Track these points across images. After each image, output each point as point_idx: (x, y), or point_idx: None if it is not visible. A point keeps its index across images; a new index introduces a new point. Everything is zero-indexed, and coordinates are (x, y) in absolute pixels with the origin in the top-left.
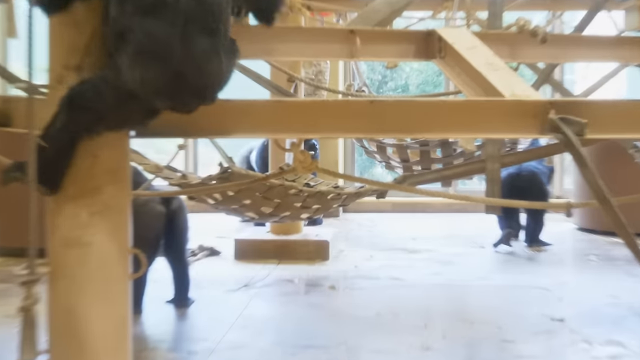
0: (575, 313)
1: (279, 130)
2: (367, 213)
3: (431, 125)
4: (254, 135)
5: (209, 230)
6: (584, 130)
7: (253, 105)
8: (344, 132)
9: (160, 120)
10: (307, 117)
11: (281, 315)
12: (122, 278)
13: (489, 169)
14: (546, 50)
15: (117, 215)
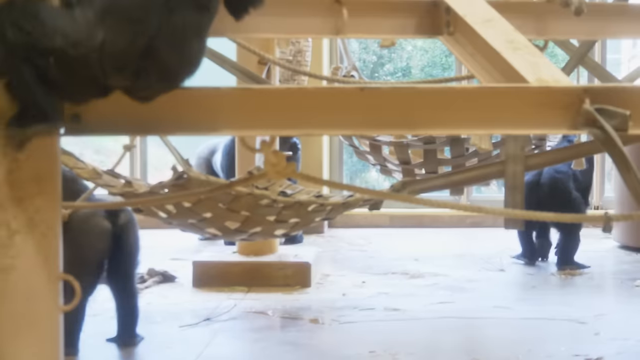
0: (616, 352)
1: (246, 126)
2: (358, 228)
3: (437, 118)
4: (215, 132)
5: (161, 250)
6: (627, 124)
7: (213, 94)
8: (328, 128)
9: (97, 113)
10: (282, 110)
11: (252, 356)
12: (51, 311)
13: (509, 173)
14: (582, 23)
15: (45, 233)
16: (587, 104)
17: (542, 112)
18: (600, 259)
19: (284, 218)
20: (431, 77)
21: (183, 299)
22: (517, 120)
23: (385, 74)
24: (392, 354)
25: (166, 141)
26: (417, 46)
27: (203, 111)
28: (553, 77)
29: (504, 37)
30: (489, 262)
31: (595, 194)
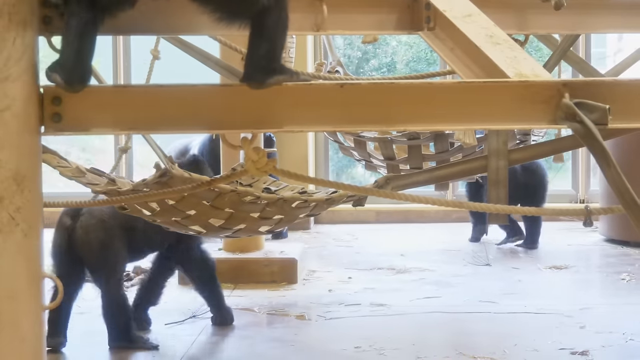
0: (602, 345)
1: (226, 123)
2: (345, 224)
3: (417, 114)
4: (197, 129)
5: None
6: (607, 118)
7: (194, 91)
8: (309, 125)
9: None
10: (263, 106)
11: (238, 353)
12: (34, 310)
13: (492, 168)
14: (562, 17)
15: (26, 233)
16: (566, 98)
17: (522, 107)
18: (586, 252)
19: (268, 215)
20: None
21: (169, 296)
22: (497, 115)
23: (371, 70)
24: (378, 349)
25: (149, 139)
26: (402, 41)
27: (184, 108)
28: (533, 72)
29: (484, 32)
30: (475, 257)
31: (580, 188)
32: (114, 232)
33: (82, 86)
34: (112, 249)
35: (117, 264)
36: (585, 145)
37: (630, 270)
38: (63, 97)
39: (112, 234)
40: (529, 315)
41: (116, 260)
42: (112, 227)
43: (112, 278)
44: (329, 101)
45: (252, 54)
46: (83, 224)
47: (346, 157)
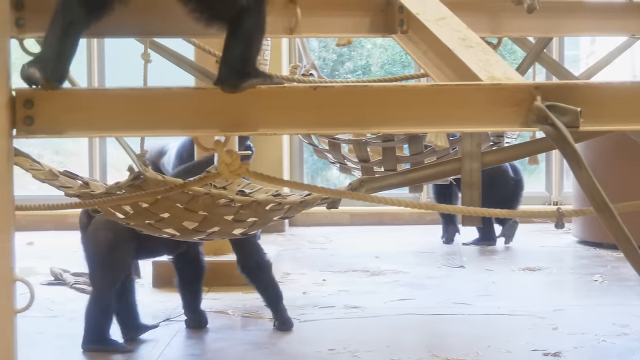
0: (574, 346)
1: (200, 126)
2: (319, 227)
3: (390, 116)
4: (171, 132)
5: None
6: (578, 120)
7: (169, 94)
8: (283, 128)
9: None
10: (236, 109)
11: (212, 356)
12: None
13: (465, 170)
14: (535, 21)
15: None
16: (538, 101)
17: (494, 110)
18: (559, 254)
19: (241, 217)
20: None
21: (142, 299)
22: (470, 117)
23: (345, 72)
24: (352, 351)
25: (122, 142)
26: (377, 44)
27: (158, 111)
28: (505, 75)
29: (456, 35)
30: (449, 259)
31: (554, 190)
32: (123, 234)
33: (58, 85)
34: (116, 251)
35: (117, 268)
36: (557, 147)
37: (603, 272)
38: (35, 100)
39: (120, 235)
40: (503, 317)
41: (117, 263)
42: (123, 228)
43: (105, 279)
44: (303, 104)
45: (227, 56)
46: (95, 222)
47: (321, 159)
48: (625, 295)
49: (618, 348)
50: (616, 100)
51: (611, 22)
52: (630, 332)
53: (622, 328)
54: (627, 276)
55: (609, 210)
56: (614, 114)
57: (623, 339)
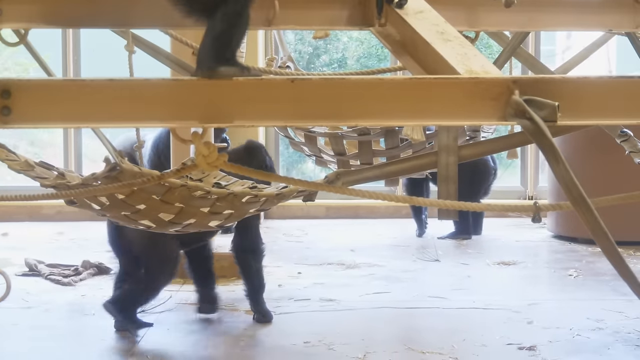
0: (549, 340)
1: (177, 117)
2: (295, 219)
3: (367, 109)
4: (146, 123)
5: (96, 242)
6: (556, 115)
7: (144, 85)
8: (259, 120)
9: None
10: (213, 101)
11: (186, 348)
12: None
13: (442, 164)
14: (513, 15)
15: None
16: (516, 95)
17: (472, 103)
18: (534, 248)
19: (218, 209)
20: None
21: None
22: (447, 111)
23: (321, 65)
24: (327, 344)
25: (98, 132)
26: (353, 37)
27: (135, 102)
28: (483, 69)
29: (434, 28)
30: (424, 253)
31: (529, 185)
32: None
33: None
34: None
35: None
36: (535, 141)
37: (578, 267)
38: (12, 90)
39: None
40: (478, 311)
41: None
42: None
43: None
44: (280, 96)
45: (206, 40)
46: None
47: (296, 152)
48: (600, 290)
49: (593, 342)
50: (593, 94)
51: (588, 16)
52: (604, 327)
53: (597, 322)
54: (602, 271)
55: (585, 205)
56: (590, 108)
57: (598, 334)
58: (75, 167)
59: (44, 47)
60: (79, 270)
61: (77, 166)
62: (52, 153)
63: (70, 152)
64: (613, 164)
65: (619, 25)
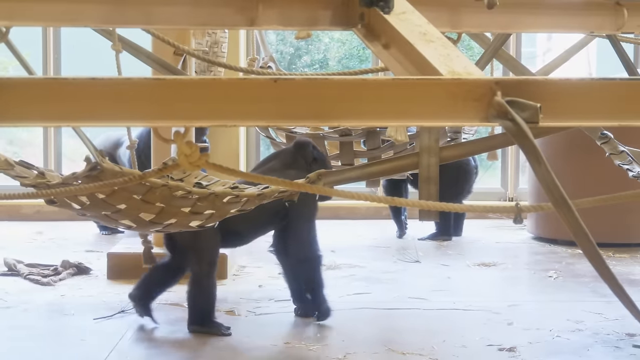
0: (529, 341)
1: (159, 117)
2: None
3: (350, 110)
4: (128, 122)
5: (76, 242)
6: (538, 116)
7: (126, 84)
8: (242, 119)
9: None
10: (195, 100)
11: (167, 348)
12: None
13: (423, 165)
14: (495, 16)
15: None
16: (498, 96)
17: (455, 105)
18: (514, 250)
19: (199, 209)
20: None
21: (97, 291)
22: (430, 112)
23: (303, 66)
24: (307, 344)
25: (79, 131)
26: (334, 38)
27: (116, 101)
28: (465, 70)
29: (417, 29)
30: (405, 254)
31: (509, 186)
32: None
33: None
34: (202, 235)
35: (207, 250)
36: (517, 143)
37: (558, 268)
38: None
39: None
40: (458, 312)
41: (205, 246)
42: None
43: (202, 263)
44: (263, 96)
45: None
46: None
47: None
48: (580, 292)
49: (572, 344)
50: (575, 96)
51: (570, 18)
52: (584, 328)
53: (577, 324)
54: (582, 272)
55: (567, 206)
56: (572, 110)
57: (577, 335)
58: (55, 166)
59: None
60: (59, 270)
61: (57, 166)
62: (31, 152)
63: (50, 151)
64: (594, 166)
65: (600, 27)
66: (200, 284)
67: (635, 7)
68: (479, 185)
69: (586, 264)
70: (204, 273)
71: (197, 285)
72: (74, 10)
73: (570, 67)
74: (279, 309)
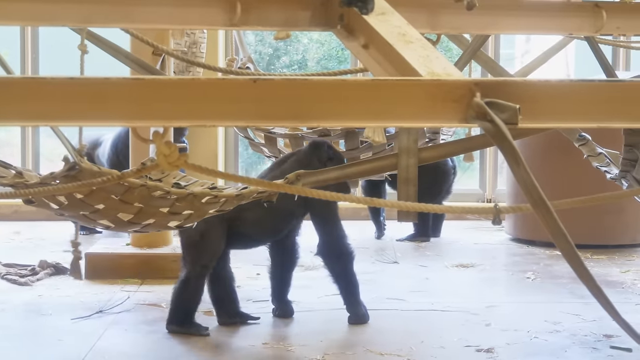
0: (507, 342)
1: (138, 117)
2: None
3: (329, 110)
4: (107, 122)
5: (54, 242)
6: (517, 117)
7: (105, 84)
8: (221, 119)
9: None
10: (174, 100)
11: (144, 349)
12: None
13: (402, 166)
14: (474, 18)
15: None
16: (477, 97)
17: (434, 105)
18: (492, 251)
19: (177, 210)
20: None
21: (75, 291)
22: (409, 113)
23: (282, 67)
24: (285, 345)
25: (57, 131)
26: (313, 39)
27: (95, 101)
28: (445, 71)
29: (396, 30)
30: (383, 255)
31: (487, 187)
32: (214, 221)
33: None
34: (206, 237)
35: (205, 252)
36: (496, 144)
37: (536, 269)
38: None
39: (211, 222)
40: (436, 313)
41: (206, 248)
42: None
43: (196, 264)
44: (242, 96)
45: None
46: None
47: (256, 153)
48: (558, 293)
49: (550, 345)
50: (554, 97)
51: (549, 20)
52: (562, 329)
53: (554, 325)
54: (560, 274)
55: (545, 207)
56: (551, 111)
57: (555, 336)
58: (33, 166)
59: (2, 44)
60: (36, 270)
61: (35, 165)
62: (9, 152)
63: (27, 151)
64: (572, 167)
65: (579, 29)
66: (188, 285)
67: (614, 8)
68: (457, 186)
69: (564, 265)
70: (195, 274)
71: (185, 285)
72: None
73: (548, 69)
74: (257, 310)
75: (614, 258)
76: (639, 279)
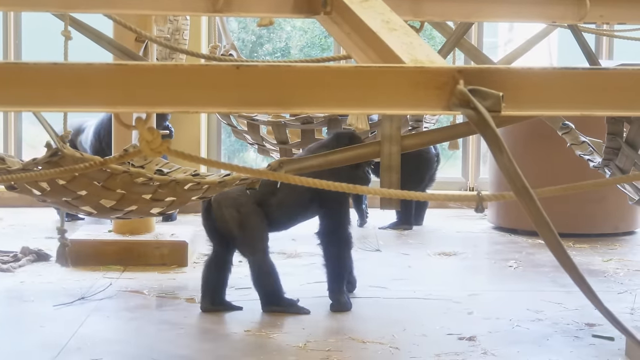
0: (489, 330)
1: (121, 103)
2: None
3: (312, 97)
4: (90, 108)
5: (36, 229)
6: (500, 105)
7: (87, 69)
8: (203, 106)
9: None
10: (157, 86)
11: (126, 335)
12: None
13: (385, 153)
14: (458, 5)
15: None
16: (461, 85)
17: (417, 93)
18: (474, 239)
19: (159, 197)
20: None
21: (57, 277)
22: (392, 100)
23: (265, 54)
24: (268, 332)
25: (40, 117)
26: (296, 26)
27: (77, 87)
28: (428, 58)
29: (380, 17)
30: (365, 243)
31: (470, 176)
32: (247, 208)
33: None
34: (248, 223)
35: (257, 236)
36: (479, 131)
37: (518, 258)
38: None
39: (246, 210)
40: (418, 301)
41: (255, 233)
42: (244, 203)
43: (255, 249)
44: (225, 82)
45: None
46: (216, 201)
47: (238, 140)
48: (540, 281)
49: (532, 333)
50: (537, 85)
51: (532, 8)
52: (544, 318)
53: (536, 313)
54: (542, 262)
55: (528, 195)
56: (534, 99)
57: (537, 325)
58: (15, 152)
59: None
60: (18, 257)
61: (17, 152)
62: None
63: (10, 137)
64: (555, 156)
65: (562, 17)
66: (261, 269)
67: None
68: (440, 174)
69: (546, 253)
70: (260, 258)
71: (258, 271)
72: None
73: (531, 57)
74: (239, 297)
75: (596, 247)
76: (621, 268)
